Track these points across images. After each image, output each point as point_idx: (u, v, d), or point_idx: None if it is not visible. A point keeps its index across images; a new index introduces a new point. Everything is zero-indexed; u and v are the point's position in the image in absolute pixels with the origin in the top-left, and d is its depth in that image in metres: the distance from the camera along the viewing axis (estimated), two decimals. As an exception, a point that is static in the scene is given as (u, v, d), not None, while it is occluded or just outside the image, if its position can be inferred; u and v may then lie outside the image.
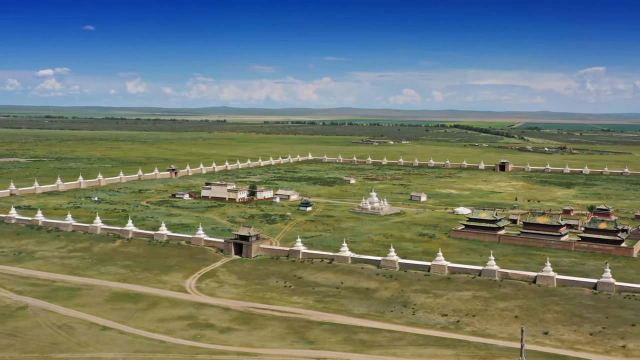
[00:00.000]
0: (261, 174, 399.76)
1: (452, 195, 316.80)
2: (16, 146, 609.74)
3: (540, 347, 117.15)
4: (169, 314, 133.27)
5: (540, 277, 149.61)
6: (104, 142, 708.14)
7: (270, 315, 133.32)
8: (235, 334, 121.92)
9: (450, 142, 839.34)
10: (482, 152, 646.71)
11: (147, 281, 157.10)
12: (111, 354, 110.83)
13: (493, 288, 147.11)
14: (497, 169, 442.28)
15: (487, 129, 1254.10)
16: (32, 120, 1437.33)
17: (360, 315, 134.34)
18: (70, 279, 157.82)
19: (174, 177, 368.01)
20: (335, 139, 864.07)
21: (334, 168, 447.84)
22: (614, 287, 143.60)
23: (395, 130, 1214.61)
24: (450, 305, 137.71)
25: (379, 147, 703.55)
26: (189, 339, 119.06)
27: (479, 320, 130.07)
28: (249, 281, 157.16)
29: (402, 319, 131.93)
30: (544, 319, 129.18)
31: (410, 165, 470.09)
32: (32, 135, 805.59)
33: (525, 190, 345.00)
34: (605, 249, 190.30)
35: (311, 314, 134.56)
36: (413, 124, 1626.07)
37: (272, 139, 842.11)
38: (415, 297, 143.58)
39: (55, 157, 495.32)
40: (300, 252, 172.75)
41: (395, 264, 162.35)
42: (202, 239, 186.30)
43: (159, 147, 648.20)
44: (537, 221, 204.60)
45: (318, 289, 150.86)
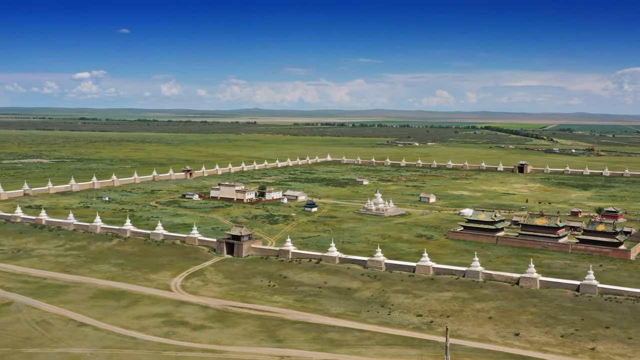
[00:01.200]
0: (276, 175, 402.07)
1: (464, 197, 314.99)
2: (44, 147, 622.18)
3: (508, 348, 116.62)
4: (147, 311, 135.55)
5: (523, 279, 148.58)
6: (131, 143, 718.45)
7: (246, 314, 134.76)
8: (206, 332, 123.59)
9: (476, 144, 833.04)
10: (507, 153, 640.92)
11: (135, 279, 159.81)
12: (80, 349, 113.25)
13: (474, 289, 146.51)
14: (516, 170, 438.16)
15: (518, 130, 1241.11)
16: (66, 122, 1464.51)
17: (335, 315, 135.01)
18: (61, 276, 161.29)
19: (188, 178, 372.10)
20: (361, 141, 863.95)
21: (351, 169, 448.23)
22: (597, 289, 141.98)
23: (424, 132, 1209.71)
24: (427, 306, 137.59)
25: (403, 149, 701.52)
26: (161, 336, 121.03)
27: (452, 321, 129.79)
28: (234, 280, 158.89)
29: (377, 319, 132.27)
30: (517, 321, 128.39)
31: (429, 167, 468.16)
32: (62, 137, 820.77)
33: (540, 192, 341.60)
34: (602, 251, 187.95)
35: (287, 313, 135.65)
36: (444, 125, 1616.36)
37: (297, 141, 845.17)
38: (394, 297, 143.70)
39: (79, 158, 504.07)
40: (290, 252, 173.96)
41: (382, 265, 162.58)
42: (196, 238, 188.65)
43: (183, 148, 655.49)
44: (535, 223, 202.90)
45: (300, 289, 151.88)
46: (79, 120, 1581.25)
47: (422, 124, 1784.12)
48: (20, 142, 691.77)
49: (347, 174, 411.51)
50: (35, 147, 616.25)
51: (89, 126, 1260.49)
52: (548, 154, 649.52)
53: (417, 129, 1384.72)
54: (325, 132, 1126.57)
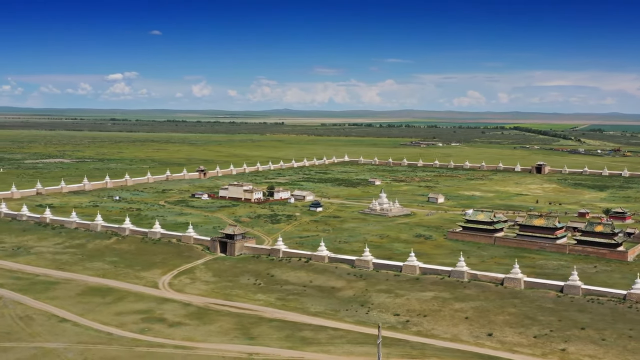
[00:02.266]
0: (291, 175, 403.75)
1: (474, 198, 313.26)
2: (69, 147, 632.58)
3: (478, 348, 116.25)
4: (129, 308, 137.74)
5: (507, 279, 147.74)
6: (155, 143, 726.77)
7: (226, 312, 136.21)
8: (182, 328, 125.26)
9: (502, 144, 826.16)
10: (530, 154, 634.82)
11: (125, 277, 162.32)
12: (55, 344, 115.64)
13: (457, 289, 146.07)
14: (534, 171, 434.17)
15: (546, 131, 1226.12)
16: (96, 123, 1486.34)
17: (314, 314, 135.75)
18: (54, 273, 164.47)
19: (202, 178, 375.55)
20: (384, 141, 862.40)
21: (367, 170, 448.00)
22: (580, 290, 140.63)
23: (450, 133, 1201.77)
24: (407, 306, 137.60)
25: (425, 149, 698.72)
26: (136, 332, 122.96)
27: (428, 320, 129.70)
28: (221, 278, 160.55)
29: (354, 318, 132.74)
30: (494, 321, 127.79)
31: (446, 167, 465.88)
32: (89, 138, 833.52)
33: (554, 192, 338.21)
34: (599, 252, 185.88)
35: (267, 311, 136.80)
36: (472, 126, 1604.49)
37: (321, 141, 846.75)
38: (376, 296, 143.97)
39: (100, 158, 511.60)
40: (281, 251, 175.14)
41: (369, 264, 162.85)
42: (192, 237, 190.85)
43: (205, 148, 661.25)
44: (533, 223, 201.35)
45: (285, 287, 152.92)
46: (109, 121, 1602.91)
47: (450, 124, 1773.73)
48: (47, 143, 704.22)
49: (362, 175, 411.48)
50: (60, 148, 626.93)
51: (118, 127, 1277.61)
52: (572, 155, 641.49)
53: (445, 129, 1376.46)
54: (351, 133, 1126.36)
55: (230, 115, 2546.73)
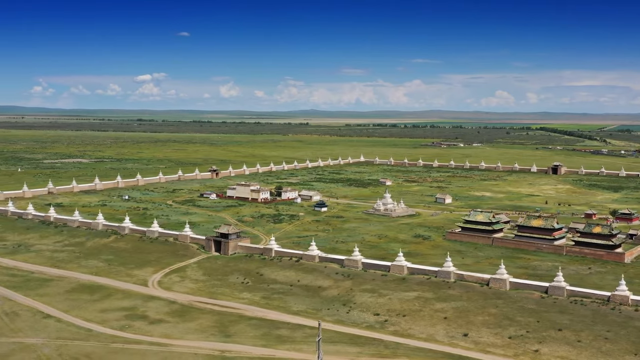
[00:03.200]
0: (303, 175, 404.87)
1: (484, 198, 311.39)
2: (90, 147, 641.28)
3: (451, 348, 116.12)
4: (115, 305, 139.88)
5: (493, 280, 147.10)
6: (176, 144, 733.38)
7: (208, 310, 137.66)
8: (161, 326, 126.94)
9: (524, 145, 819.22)
10: (551, 155, 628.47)
11: (117, 274, 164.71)
12: (34, 339, 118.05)
13: (442, 289, 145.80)
14: (550, 172, 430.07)
15: (573, 131, 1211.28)
16: (123, 123, 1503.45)
17: (295, 312, 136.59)
18: (49, 270, 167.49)
19: (214, 178, 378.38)
20: (406, 142, 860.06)
21: (381, 170, 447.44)
22: (565, 291, 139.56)
23: (475, 133, 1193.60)
24: (388, 305, 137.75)
25: (445, 150, 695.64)
26: (116, 329, 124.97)
27: (407, 320, 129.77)
28: (211, 277, 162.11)
29: (333, 317, 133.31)
30: (472, 321, 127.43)
31: (461, 168, 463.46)
32: (113, 138, 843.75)
33: (567, 193, 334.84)
34: (596, 253, 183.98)
35: (249, 310, 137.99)
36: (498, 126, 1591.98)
37: (342, 142, 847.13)
38: (359, 296, 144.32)
39: (119, 158, 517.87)
40: (273, 251, 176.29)
41: (358, 264, 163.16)
42: (188, 236, 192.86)
43: (224, 148, 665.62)
44: (531, 224, 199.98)
45: (272, 286, 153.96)
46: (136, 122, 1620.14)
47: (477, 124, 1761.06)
48: (70, 143, 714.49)
49: (375, 175, 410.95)
50: (81, 148, 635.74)
51: (144, 127, 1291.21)
52: (594, 155, 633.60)
53: (470, 130, 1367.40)
54: (374, 134, 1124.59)
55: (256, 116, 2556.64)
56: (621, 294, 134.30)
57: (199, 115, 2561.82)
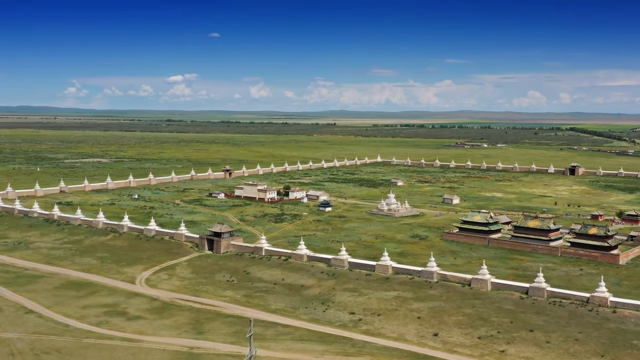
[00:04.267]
0: (317, 175, 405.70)
1: (493, 199, 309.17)
2: (114, 147, 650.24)
3: (418, 347, 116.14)
4: (97, 301, 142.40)
5: (474, 280, 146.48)
6: (199, 144, 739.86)
7: (188, 307, 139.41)
8: (137, 322, 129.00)
9: (550, 146, 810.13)
10: (574, 155, 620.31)
11: (108, 272, 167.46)
12: (11, 334, 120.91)
13: (422, 289, 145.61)
14: (567, 172, 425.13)
15: (602, 132, 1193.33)
16: (151, 124, 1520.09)
17: (272, 311, 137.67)
18: (42, 267, 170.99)
19: (227, 178, 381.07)
20: (429, 142, 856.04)
21: (397, 170, 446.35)
22: (545, 292, 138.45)
23: (502, 134, 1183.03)
24: (365, 305, 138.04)
25: (467, 151, 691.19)
26: (93, 324, 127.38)
27: (381, 319, 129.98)
28: (198, 275, 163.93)
29: (309, 316, 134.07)
30: (445, 321, 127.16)
31: (478, 169, 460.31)
32: (138, 138, 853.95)
33: (580, 194, 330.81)
34: (591, 255, 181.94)
35: (228, 307, 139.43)
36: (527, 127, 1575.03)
37: (365, 142, 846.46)
38: (340, 295, 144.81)
39: (139, 158, 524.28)
40: (263, 249, 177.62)
41: (344, 263, 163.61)
42: (183, 234, 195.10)
43: (246, 149, 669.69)
44: (527, 225, 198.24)
45: (256, 285, 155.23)
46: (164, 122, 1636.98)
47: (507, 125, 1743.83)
48: (94, 143, 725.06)
49: (390, 175, 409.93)
50: (105, 148, 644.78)
51: (171, 127, 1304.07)
52: (619, 156, 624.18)
53: (497, 130, 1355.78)
54: (400, 134, 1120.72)
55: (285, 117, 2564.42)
56: (600, 295, 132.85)
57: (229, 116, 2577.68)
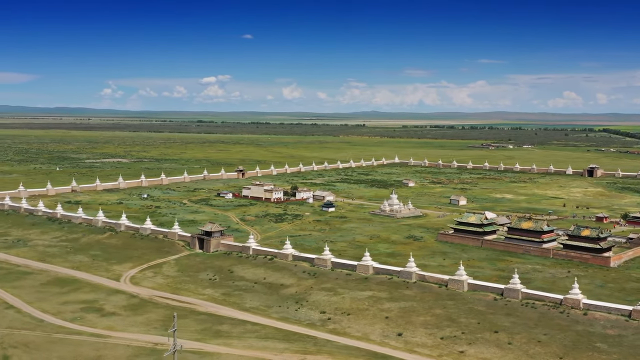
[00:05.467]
0: (330, 176, 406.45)
1: (502, 200, 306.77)
2: (137, 148, 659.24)
3: (378, 347, 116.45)
4: (77, 298, 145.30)
5: (451, 281, 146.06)
6: (223, 144, 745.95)
7: (164, 304, 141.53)
8: (110, 318, 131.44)
9: (577, 147, 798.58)
10: (599, 157, 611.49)
11: (97, 269, 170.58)
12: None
13: (398, 289, 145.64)
14: (585, 174, 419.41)
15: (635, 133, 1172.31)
16: (182, 125, 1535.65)
17: (246, 309, 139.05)
18: (34, 264, 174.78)
19: (240, 178, 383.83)
20: (453, 143, 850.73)
21: (413, 171, 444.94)
22: (520, 293, 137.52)
23: (533, 135, 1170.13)
24: (338, 304, 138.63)
25: (491, 152, 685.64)
26: (67, 320, 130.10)
27: (349, 319, 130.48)
28: (183, 273, 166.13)
29: (280, 314, 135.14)
30: (412, 322, 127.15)
31: (495, 170, 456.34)
32: (165, 139, 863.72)
33: (593, 196, 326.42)
34: (582, 257, 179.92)
35: (203, 305, 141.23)
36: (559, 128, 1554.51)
37: (388, 143, 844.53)
38: (316, 294, 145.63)
39: (158, 158, 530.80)
40: (251, 249, 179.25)
41: (327, 263, 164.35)
42: (177, 233, 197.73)
43: (268, 149, 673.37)
44: (521, 227, 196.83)
45: (237, 283, 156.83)
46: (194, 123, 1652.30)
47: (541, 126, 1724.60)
48: (120, 143, 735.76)
49: (404, 176, 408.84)
50: (130, 148, 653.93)
51: (201, 128, 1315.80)
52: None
53: (528, 131, 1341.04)
54: (427, 135, 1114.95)
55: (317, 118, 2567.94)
56: (573, 297, 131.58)
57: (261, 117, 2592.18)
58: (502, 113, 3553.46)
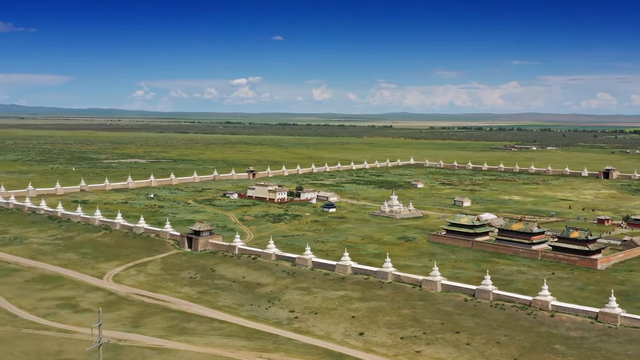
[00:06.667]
0: (340, 177, 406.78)
1: (508, 202, 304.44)
2: (159, 148, 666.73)
3: (337, 346, 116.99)
4: (56, 294, 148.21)
5: (425, 282, 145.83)
6: (244, 145, 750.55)
7: (139, 302, 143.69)
8: (83, 315, 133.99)
9: (602, 149, 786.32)
10: (621, 159, 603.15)
11: (83, 267, 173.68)
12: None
13: (372, 289, 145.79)
14: (601, 176, 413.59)
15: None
16: (209, 126, 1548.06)
17: (218, 307, 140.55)
18: (24, 261, 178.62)
19: (251, 179, 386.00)
20: (476, 145, 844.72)
21: (426, 173, 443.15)
22: (491, 294, 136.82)
23: (560, 136, 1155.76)
24: (309, 303, 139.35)
25: (512, 153, 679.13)
26: (40, 316, 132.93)
27: (315, 318, 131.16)
28: (165, 272, 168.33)
29: (249, 313, 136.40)
30: (377, 321, 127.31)
31: (510, 171, 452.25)
32: (188, 139, 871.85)
33: (604, 198, 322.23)
34: (570, 259, 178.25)
35: (176, 303, 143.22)
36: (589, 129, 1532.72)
37: (410, 144, 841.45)
38: (290, 293, 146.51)
39: (176, 159, 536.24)
40: (236, 248, 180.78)
41: (308, 262, 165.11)
42: (168, 232, 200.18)
43: (288, 150, 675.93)
44: (511, 228, 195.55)
45: (215, 282, 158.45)
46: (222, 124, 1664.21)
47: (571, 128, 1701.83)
48: (143, 144, 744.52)
49: (416, 177, 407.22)
50: (150, 148, 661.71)
51: (227, 129, 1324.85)
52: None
53: (556, 133, 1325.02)
54: (452, 136, 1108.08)
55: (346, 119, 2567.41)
56: (542, 299, 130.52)
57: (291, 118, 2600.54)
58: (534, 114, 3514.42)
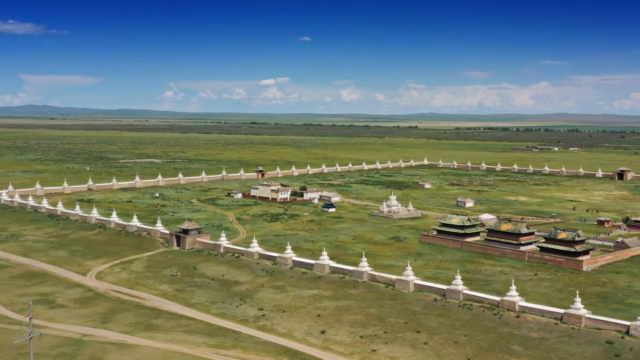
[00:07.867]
0: (350, 177, 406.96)
1: (513, 203, 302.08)
2: (178, 148, 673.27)
3: (296, 343, 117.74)
4: (36, 290, 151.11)
5: (398, 281, 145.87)
6: (263, 146, 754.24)
7: (115, 298, 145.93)
8: (56, 310, 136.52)
9: (627, 150, 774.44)
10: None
11: (70, 264, 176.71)
12: None
13: (344, 289, 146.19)
14: (615, 177, 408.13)
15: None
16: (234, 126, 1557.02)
17: (190, 305, 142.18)
18: (14, 258, 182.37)
19: (259, 178, 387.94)
20: (497, 145, 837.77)
21: (438, 173, 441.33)
22: (461, 295, 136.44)
23: (586, 137, 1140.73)
24: (279, 301, 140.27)
25: (531, 154, 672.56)
26: (15, 311, 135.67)
27: (282, 316, 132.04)
28: (148, 269, 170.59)
29: (219, 310, 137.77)
30: (341, 320, 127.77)
31: (524, 172, 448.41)
32: (208, 140, 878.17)
33: (613, 200, 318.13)
34: (556, 260, 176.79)
35: (150, 300, 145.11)
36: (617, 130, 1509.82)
37: (431, 145, 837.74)
38: (264, 292, 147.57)
39: (191, 159, 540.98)
40: (222, 247, 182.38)
41: (288, 261, 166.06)
42: (159, 230, 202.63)
43: (305, 150, 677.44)
44: (500, 229, 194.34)
45: (194, 280, 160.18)
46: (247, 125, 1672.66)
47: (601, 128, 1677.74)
48: (163, 144, 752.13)
49: (427, 178, 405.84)
50: (169, 149, 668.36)
51: (252, 130, 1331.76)
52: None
53: (583, 133, 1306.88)
54: (475, 137, 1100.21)
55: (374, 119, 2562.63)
56: (509, 299, 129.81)
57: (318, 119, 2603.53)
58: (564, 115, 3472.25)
